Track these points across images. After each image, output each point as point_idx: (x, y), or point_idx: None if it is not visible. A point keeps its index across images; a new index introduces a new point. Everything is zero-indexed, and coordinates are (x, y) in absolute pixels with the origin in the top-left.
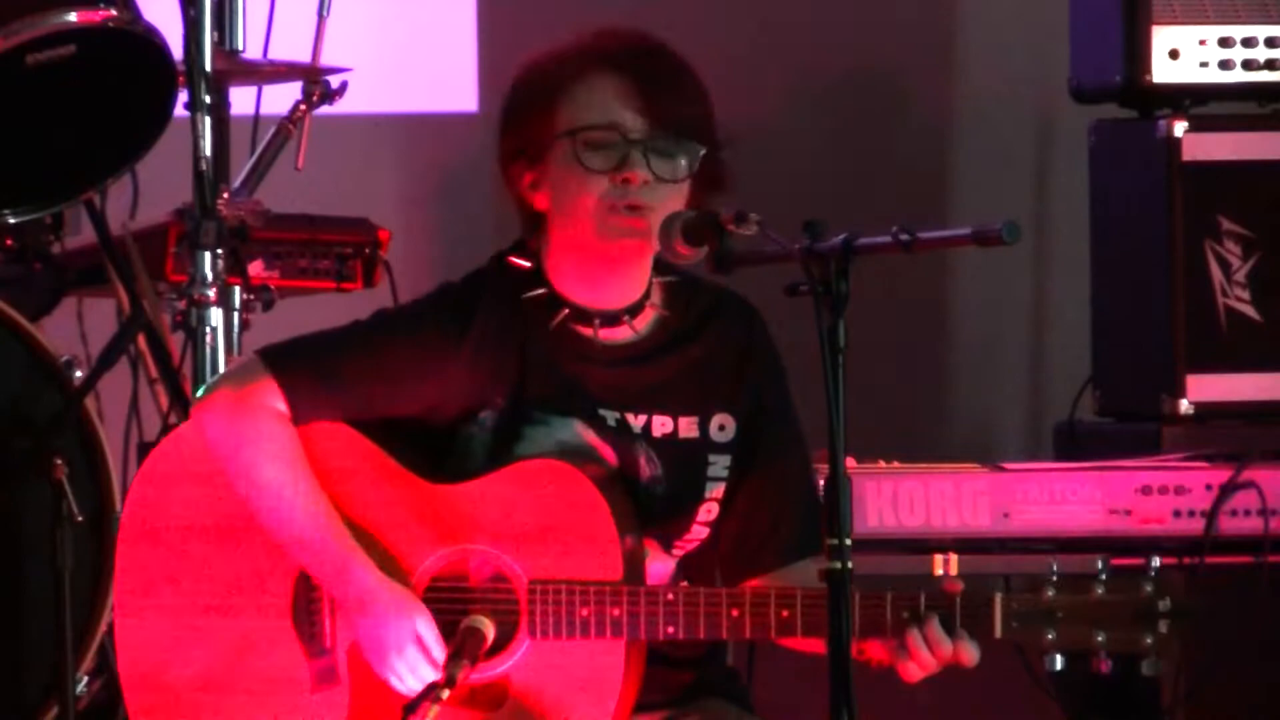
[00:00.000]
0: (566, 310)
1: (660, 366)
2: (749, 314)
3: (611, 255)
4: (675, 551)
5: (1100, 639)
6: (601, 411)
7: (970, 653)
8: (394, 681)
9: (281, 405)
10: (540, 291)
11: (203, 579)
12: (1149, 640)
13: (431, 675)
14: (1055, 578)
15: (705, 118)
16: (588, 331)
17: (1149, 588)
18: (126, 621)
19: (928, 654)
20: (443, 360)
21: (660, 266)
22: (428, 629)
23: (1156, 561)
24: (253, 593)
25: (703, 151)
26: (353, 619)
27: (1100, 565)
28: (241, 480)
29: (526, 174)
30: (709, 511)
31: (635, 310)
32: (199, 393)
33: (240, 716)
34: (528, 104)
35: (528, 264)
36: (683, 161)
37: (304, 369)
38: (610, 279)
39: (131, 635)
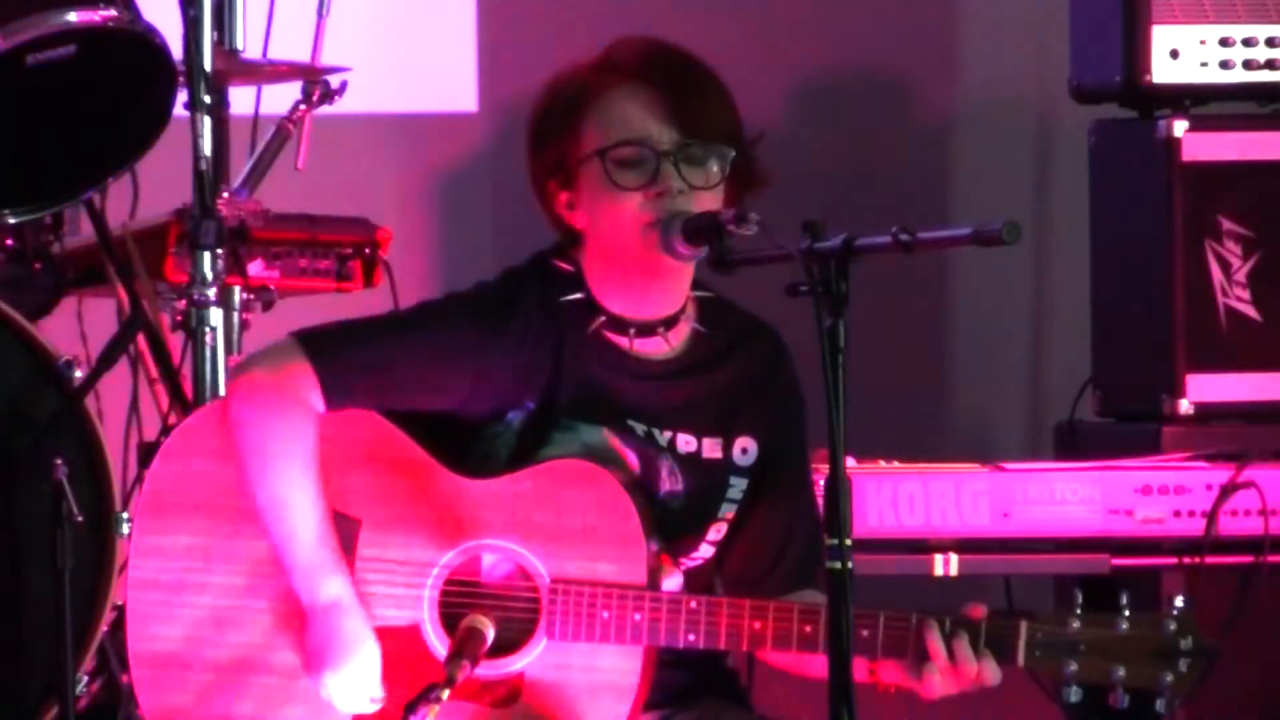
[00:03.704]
0: (603, 318)
1: (688, 385)
2: (779, 346)
3: (652, 271)
4: (681, 566)
5: (1120, 674)
6: (630, 422)
7: (993, 672)
8: (324, 690)
9: (315, 394)
10: (578, 296)
11: (216, 558)
12: (1168, 678)
13: (354, 700)
14: (1080, 609)
15: (732, 119)
16: (622, 342)
17: (1172, 626)
18: (137, 596)
19: (950, 670)
20: (478, 356)
21: (697, 282)
22: (370, 660)
23: (1180, 600)
24: (265, 575)
25: (732, 154)
26: (313, 627)
27: (1124, 599)
28: (252, 466)
29: (561, 194)
30: (718, 531)
31: (671, 323)
32: (233, 369)
33: (249, 699)
34: (553, 126)
35: (569, 267)
36: (714, 167)
37: (341, 356)
38: (650, 292)
39: (142, 611)
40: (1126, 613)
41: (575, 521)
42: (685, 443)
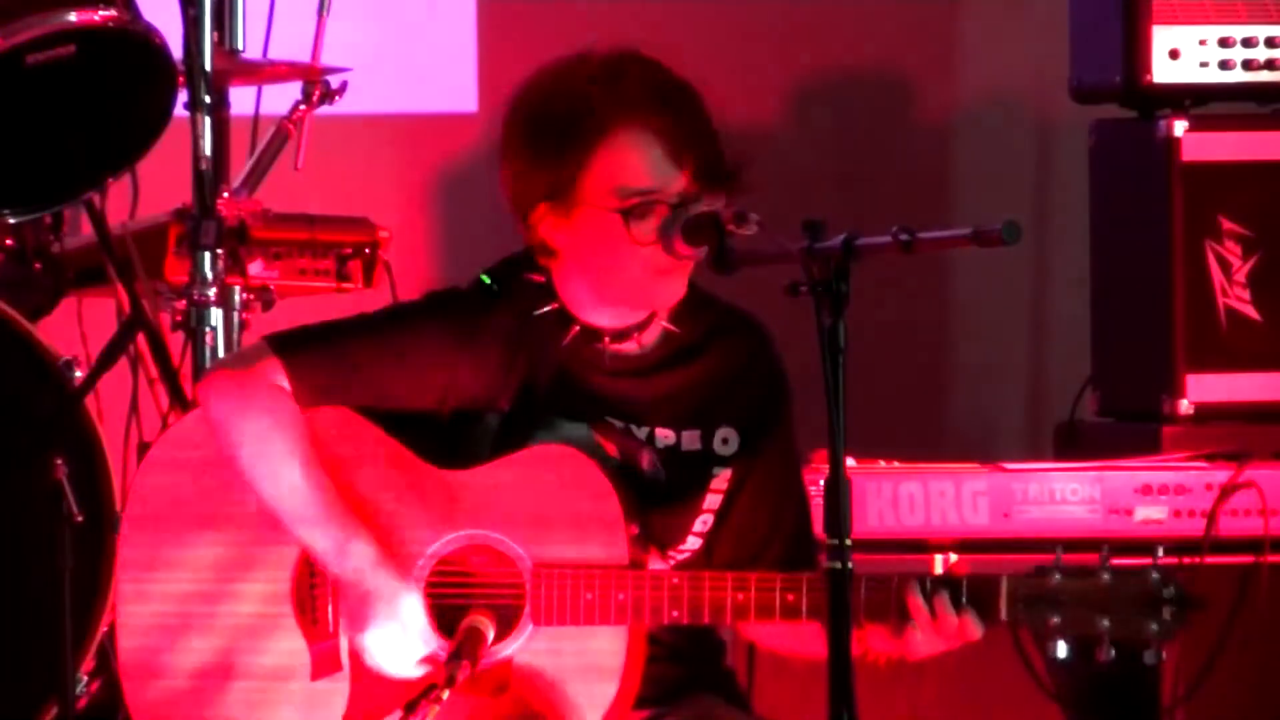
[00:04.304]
0: (577, 329)
1: (664, 380)
2: (758, 333)
3: (652, 305)
4: (670, 559)
5: (1105, 625)
6: (609, 418)
7: (975, 627)
8: (369, 654)
9: (285, 386)
10: (552, 307)
11: (205, 565)
12: (1154, 627)
13: (405, 657)
14: (1060, 564)
15: (722, 154)
16: (596, 345)
17: (1154, 575)
18: (128, 609)
19: (932, 625)
20: (446, 362)
21: None
22: (414, 611)
23: (1161, 551)
24: (254, 579)
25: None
26: (347, 593)
27: (1104, 553)
28: (243, 453)
29: (549, 215)
30: (704, 523)
31: (643, 326)
32: (202, 373)
33: (241, 704)
34: (554, 148)
35: (540, 279)
36: (708, 200)
37: (310, 354)
38: (633, 314)
39: (133, 623)
40: (1108, 566)
41: (554, 505)
42: (664, 436)
